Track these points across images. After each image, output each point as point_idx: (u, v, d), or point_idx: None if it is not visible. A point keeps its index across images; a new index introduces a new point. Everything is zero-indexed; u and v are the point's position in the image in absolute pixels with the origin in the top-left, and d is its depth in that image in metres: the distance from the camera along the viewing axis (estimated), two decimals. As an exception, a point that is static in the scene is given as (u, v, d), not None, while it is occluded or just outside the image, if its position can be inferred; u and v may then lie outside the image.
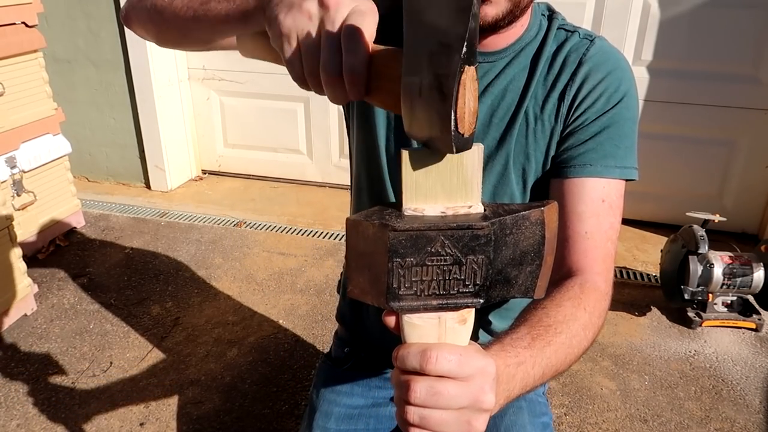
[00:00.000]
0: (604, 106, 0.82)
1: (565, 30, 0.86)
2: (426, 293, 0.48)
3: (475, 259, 0.47)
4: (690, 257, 1.97)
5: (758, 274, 1.95)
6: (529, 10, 0.83)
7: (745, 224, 2.64)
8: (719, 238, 2.43)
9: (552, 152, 0.85)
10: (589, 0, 2.47)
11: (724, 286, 1.97)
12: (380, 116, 0.89)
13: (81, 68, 3.02)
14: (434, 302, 0.48)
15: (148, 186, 3.20)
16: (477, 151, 0.47)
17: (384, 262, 0.47)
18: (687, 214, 2.16)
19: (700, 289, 1.96)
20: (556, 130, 0.84)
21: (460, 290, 0.48)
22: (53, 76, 2.58)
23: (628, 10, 2.45)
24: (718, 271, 1.95)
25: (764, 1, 2.31)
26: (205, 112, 3.22)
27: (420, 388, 0.48)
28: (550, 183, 0.86)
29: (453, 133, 0.44)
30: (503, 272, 0.48)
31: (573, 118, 0.83)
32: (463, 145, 0.47)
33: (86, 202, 2.94)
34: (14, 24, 2.21)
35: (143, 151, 3.11)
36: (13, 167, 2.26)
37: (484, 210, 0.49)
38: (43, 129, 2.41)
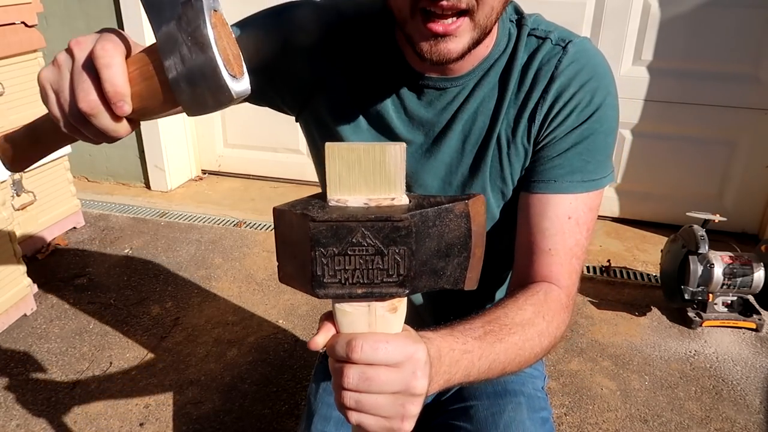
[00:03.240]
0: (575, 122, 0.80)
1: (536, 36, 0.81)
2: (351, 282, 0.49)
3: (397, 250, 0.47)
4: (690, 257, 1.97)
5: (758, 274, 1.95)
6: (496, 25, 0.75)
7: (745, 224, 2.64)
8: (719, 238, 2.43)
9: None
10: (589, 0, 2.47)
11: (725, 286, 1.97)
12: (347, 130, 0.87)
13: (81, 68, 3.01)
14: (359, 291, 0.49)
15: (147, 186, 3.20)
16: (399, 147, 0.48)
17: (307, 250, 0.48)
18: (687, 214, 2.16)
19: (700, 289, 1.96)
20: (530, 151, 0.83)
21: (384, 280, 0.49)
22: (53, 76, 2.57)
23: (628, 10, 2.45)
24: (718, 271, 1.94)
25: (764, 1, 2.30)
26: (204, 112, 3.22)
27: (352, 374, 0.50)
28: (519, 196, 0.85)
29: (227, 77, 0.47)
30: (429, 263, 0.49)
31: (543, 136, 0.81)
32: (243, 89, 0.51)
33: (86, 202, 2.94)
34: (14, 24, 2.21)
35: (143, 151, 3.11)
36: (12, 167, 2.26)
37: (409, 202, 0.49)
38: (42, 129, 2.40)
